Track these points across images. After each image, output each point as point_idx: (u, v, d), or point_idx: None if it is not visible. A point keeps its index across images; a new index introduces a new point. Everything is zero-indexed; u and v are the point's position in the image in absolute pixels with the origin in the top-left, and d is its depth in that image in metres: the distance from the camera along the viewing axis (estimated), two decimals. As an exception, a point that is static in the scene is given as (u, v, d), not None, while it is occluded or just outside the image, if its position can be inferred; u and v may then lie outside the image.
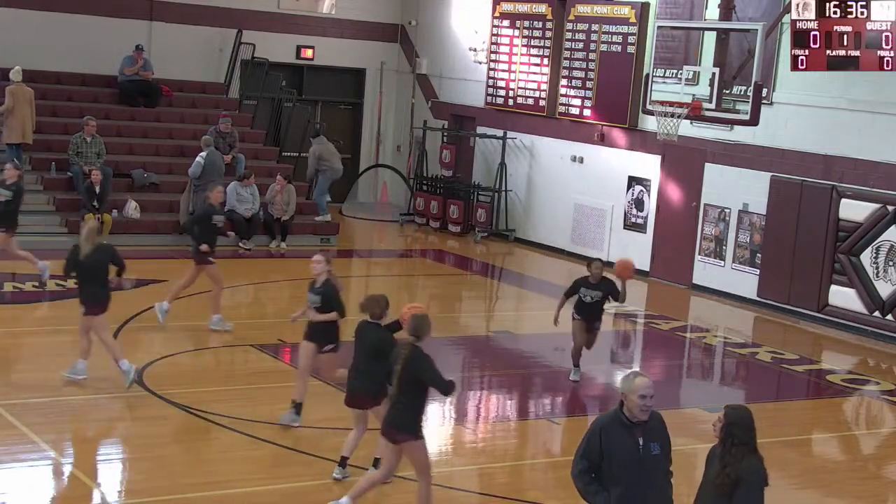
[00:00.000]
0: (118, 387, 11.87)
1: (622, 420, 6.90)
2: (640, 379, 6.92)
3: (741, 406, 6.91)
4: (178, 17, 23.04)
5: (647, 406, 6.87)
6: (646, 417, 6.88)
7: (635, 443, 6.85)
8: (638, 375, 6.97)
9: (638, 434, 6.86)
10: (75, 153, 19.50)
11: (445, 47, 24.43)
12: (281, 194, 20.26)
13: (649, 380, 6.94)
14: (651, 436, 6.90)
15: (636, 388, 6.88)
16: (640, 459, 6.82)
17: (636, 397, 6.86)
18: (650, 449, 6.87)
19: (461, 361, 14.60)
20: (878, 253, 16.49)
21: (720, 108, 15.89)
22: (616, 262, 13.79)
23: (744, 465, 6.57)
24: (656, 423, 6.99)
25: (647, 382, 6.91)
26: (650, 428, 6.91)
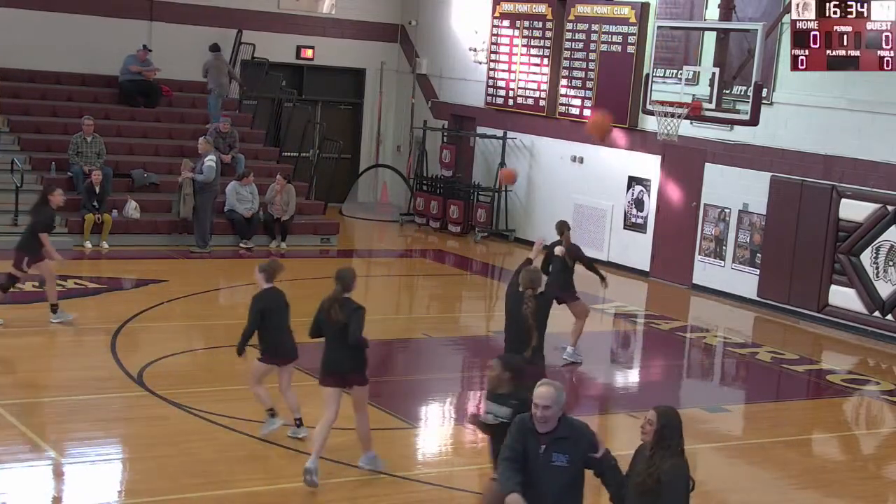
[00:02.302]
0: (118, 387, 11.88)
1: (529, 426, 6.77)
2: (540, 388, 6.73)
3: (671, 408, 6.80)
4: (178, 17, 23.04)
5: (542, 416, 6.67)
6: (544, 429, 6.69)
7: (536, 449, 6.71)
8: (543, 384, 6.76)
9: (542, 441, 6.71)
10: (75, 153, 19.51)
11: (445, 47, 24.43)
12: (281, 194, 20.26)
13: (551, 389, 6.71)
14: (558, 446, 6.71)
15: (535, 396, 6.72)
16: (539, 465, 6.69)
17: (533, 406, 6.71)
18: (551, 458, 6.69)
19: (461, 361, 14.61)
20: (878, 253, 16.49)
21: (720, 108, 15.89)
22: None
23: (668, 467, 6.53)
24: (573, 434, 6.77)
25: (546, 392, 6.69)
26: (559, 437, 6.72)
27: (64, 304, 14.79)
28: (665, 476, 6.50)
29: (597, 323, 17.10)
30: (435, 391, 12.97)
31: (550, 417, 6.67)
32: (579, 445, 6.73)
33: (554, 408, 6.68)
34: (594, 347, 15.83)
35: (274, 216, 20.23)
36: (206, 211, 19.13)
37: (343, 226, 22.35)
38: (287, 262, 14.33)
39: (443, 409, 12.46)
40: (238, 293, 16.93)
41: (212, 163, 19.07)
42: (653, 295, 18.97)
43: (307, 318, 14.55)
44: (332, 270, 10.85)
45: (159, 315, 14.67)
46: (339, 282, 9.78)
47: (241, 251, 19.61)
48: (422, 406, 12.40)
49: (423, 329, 15.47)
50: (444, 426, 11.91)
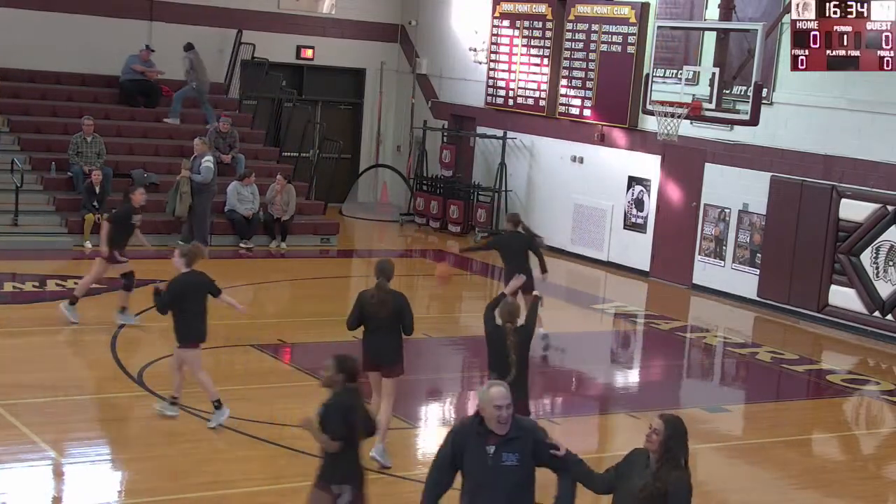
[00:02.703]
0: (118, 387, 11.88)
1: (477, 429, 6.58)
2: (494, 389, 6.59)
3: (677, 417, 6.66)
4: (178, 17, 23.03)
5: (503, 416, 6.53)
6: (503, 431, 6.55)
7: (485, 450, 6.55)
8: (493, 385, 6.64)
9: (491, 442, 6.55)
10: (75, 153, 19.51)
11: (445, 47, 24.43)
12: (281, 194, 20.26)
13: (503, 389, 6.58)
14: (508, 446, 6.56)
15: (491, 398, 6.55)
16: (488, 467, 6.54)
17: (492, 408, 6.53)
18: (501, 458, 6.55)
19: (461, 361, 14.61)
20: (878, 253, 16.49)
21: (720, 108, 15.89)
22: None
23: (672, 478, 6.43)
24: (521, 434, 6.62)
25: (502, 392, 6.56)
26: (511, 438, 6.57)
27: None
28: (672, 487, 6.42)
29: (597, 323, 17.13)
30: (435, 391, 12.98)
31: (507, 419, 6.55)
32: (528, 444, 6.62)
33: (510, 408, 6.58)
34: (594, 347, 15.85)
35: (274, 216, 20.23)
36: (205, 212, 19.11)
37: (343, 226, 22.35)
38: (287, 263, 14.40)
39: (443, 409, 12.46)
40: (238, 293, 16.92)
41: (209, 163, 19.06)
42: (653, 295, 18.97)
43: (308, 318, 14.59)
44: (332, 271, 10.91)
45: (159, 315, 14.65)
46: (383, 273, 10.04)
47: (241, 251, 19.61)
48: (422, 406, 12.40)
49: (423, 329, 15.45)
50: (444, 426, 11.90)
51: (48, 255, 17.73)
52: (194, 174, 19.00)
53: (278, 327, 14.40)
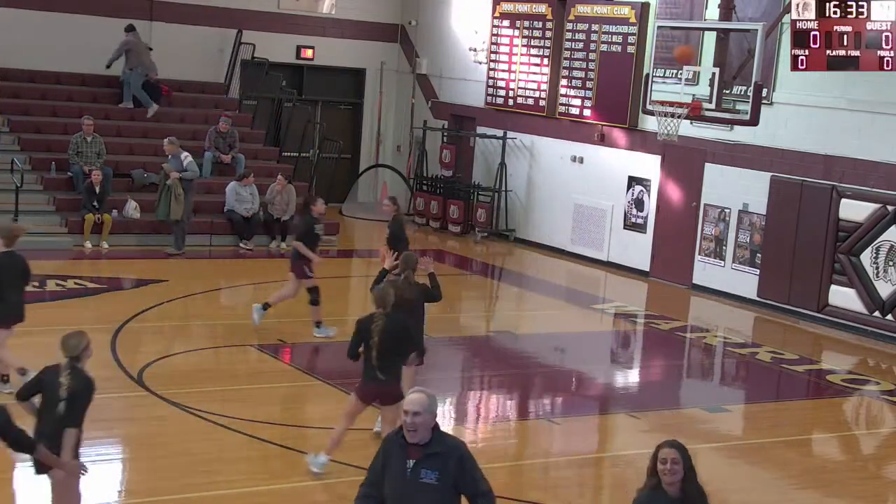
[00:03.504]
0: (118, 387, 11.88)
1: (399, 441, 6.22)
2: (411, 395, 6.21)
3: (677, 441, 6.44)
4: (178, 17, 23.04)
5: (411, 424, 6.11)
6: (412, 439, 6.14)
7: (404, 464, 6.17)
8: (414, 391, 6.24)
9: (412, 455, 6.16)
10: (75, 153, 19.51)
11: (445, 47, 24.43)
12: (281, 194, 20.26)
13: (422, 396, 6.18)
14: (429, 462, 6.14)
15: (405, 403, 6.20)
16: (406, 482, 6.16)
17: (403, 414, 6.17)
18: (420, 475, 6.12)
19: (461, 361, 14.60)
20: (878, 253, 16.49)
21: (720, 108, 15.89)
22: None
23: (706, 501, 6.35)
24: (444, 450, 6.18)
25: (416, 398, 6.16)
26: (431, 453, 6.14)
27: (63, 304, 14.79)
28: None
29: (597, 323, 17.13)
30: (435, 391, 12.91)
31: (420, 425, 6.12)
32: (449, 463, 6.16)
33: (424, 415, 6.13)
34: (594, 347, 15.85)
35: (274, 216, 20.23)
36: (188, 212, 18.98)
37: (343, 226, 22.34)
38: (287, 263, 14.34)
39: (443, 410, 12.46)
40: (238, 293, 16.93)
41: (191, 158, 18.95)
42: (653, 295, 18.97)
43: (308, 318, 14.58)
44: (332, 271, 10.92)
45: (159, 315, 14.67)
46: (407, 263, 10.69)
47: (241, 251, 19.60)
48: (422, 406, 12.38)
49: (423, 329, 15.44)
50: (443, 426, 11.88)
51: (48, 255, 17.69)
52: (184, 174, 18.82)
53: (278, 327, 14.40)
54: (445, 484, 6.14)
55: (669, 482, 6.29)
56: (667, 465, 6.27)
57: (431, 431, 6.19)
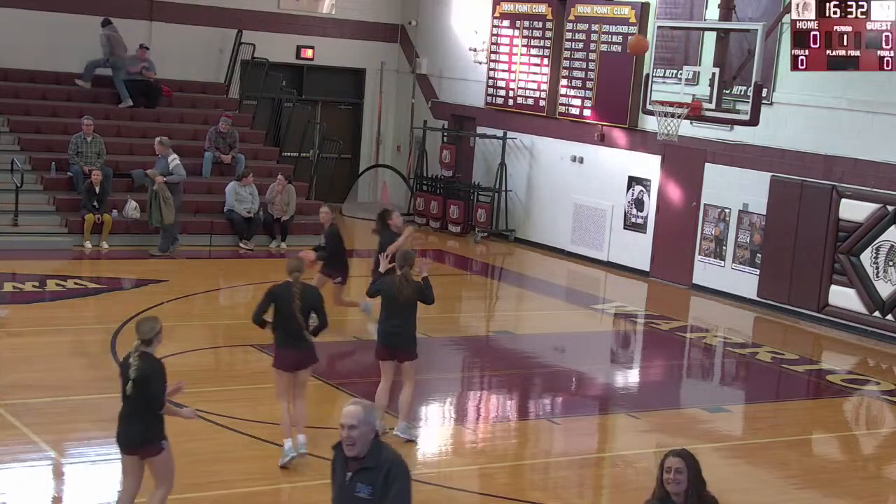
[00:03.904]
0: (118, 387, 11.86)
1: (342, 451, 6.06)
2: (347, 407, 5.98)
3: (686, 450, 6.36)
4: (178, 17, 23.04)
5: (347, 437, 5.91)
6: (350, 453, 5.94)
7: (344, 476, 6.02)
8: (351, 403, 6.03)
9: (350, 468, 5.99)
10: (75, 153, 19.51)
11: (445, 47, 24.43)
12: (281, 194, 20.26)
13: (358, 408, 5.95)
14: (363, 476, 5.95)
15: (341, 417, 5.96)
16: (343, 495, 6.02)
17: (340, 427, 5.96)
18: (355, 488, 5.95)
19: (461, 361, 14.61)
20: (878, 253, 16.49)
21: (720, 108, 15.88)
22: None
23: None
24: (378, 465, 5.94)
25: (350, 411, 5.93)
26: (366, 467, 5.94)
27: (63, 304, 14.79)
28: None
29: (597, 323, 17.13)
30: (435, 391, 12.97)
31: (357, 439, 5.90)
32: (380, 478, 5.93)
33: (361, 428, 5.90)
34: (594, 347, 15.85)
35: (274, 216, 20.23)
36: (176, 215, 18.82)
37: (343, 226, 22.31)
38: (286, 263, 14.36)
39: (443, 409, 12.46)
40: (238, 293, 16.94)
41: (177, 160, 18.86)
42: (653, 295, 18.97)
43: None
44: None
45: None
46: (405, 260, 10.69)
47: (241, 251, 19.60)
48: (422, 406, 12.39)
49: (423, 329, 15.45)
50: (444, 426, 11.91)
51: (48, 255, 17.72)
52: (170, 177, 18.68)
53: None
54: (378, 499, 5.94)
55: (674, 492, 6.24)
56: (670, 474, 6.22)
57: (371, 444, 5.96)
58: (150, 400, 7.91)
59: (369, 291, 11.20)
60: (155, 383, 7.92)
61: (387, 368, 10.81)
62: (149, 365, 7.94)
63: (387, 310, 10.75)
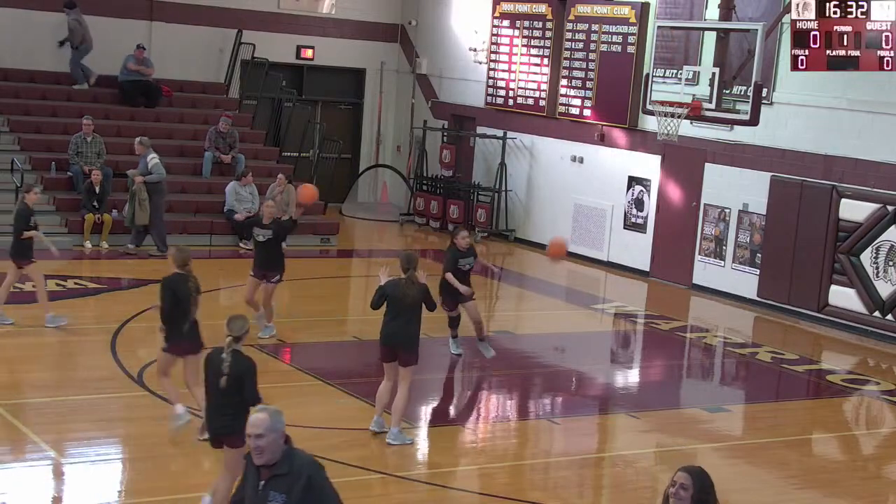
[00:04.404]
0: (118, 387, 11.88)
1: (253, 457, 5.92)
2: (253, 415, 5.84)
3: (701, 469, 6.18)
4: (178, 17, 23.04)
5: (254, 446, 5.75)
6: (259, 461, 5.79)
7: (256, 485, 5.86)
8: (257, 410, 5.88)
9: (262, 476, 5.83)
10: (75, 153, 19.50)
11: (445, 47, 24.43)
12: (281, 195, 20.24)
13: (264, 416, 5.79)
14: (276, 483, 5.78)
15: (247, 426, 5.81)
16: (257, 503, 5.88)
17: (247, 437, 5.79)
18: (268, 496, 5.78)
19: (461, 361, 14.60)
20: (878, 253, 16.49)
21: (720, 108, 15.89)
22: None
23: None
24: (292, 471, 5.77)
25: (256, 419, 5.78)
26: (278, 475, 5.78)
27: (63, 304, 14.78)
28: None
29: (597, 323, 17.13)
30: (435, 391, 12.97)
31: (265, 448, 5.75)
32: (296, 485, 5.76)
33: (269, 436, 5.75)
34: (594, 347, 15.85)
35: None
36: (160, 212, 18.70)
37: (343, 226, 22.35)
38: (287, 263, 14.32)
39: (443, 409, 12.46)
40: (238, 293, 16.92)
41: (157, 159, 18.75)
42: (653, 295, 18.97)
43: (308, 318, 14.58)
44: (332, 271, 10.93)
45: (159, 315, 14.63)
46: (409, 262, 10.88)
47: (241, 251, 19.59)
48: (422, 406, 12.39)
49: (423, 329, 15.43)
50: (444, 426, 11.90)
51: (48, 255, 17.69)
52: (149, 177, 18.60)
53: (278, 327, 14.39)
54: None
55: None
56: (674, 488, 6.08)
57: (282, 451, 5.81)
58: (244, 395, 8.25)
59: (373, 303, 11.00)
60: (249, 379, 8.33)
61: (389, 369, 10.84)
62: (242, 361, 8.39)
63: (391, 311, 10.81)
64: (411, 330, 10.80)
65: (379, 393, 10.88)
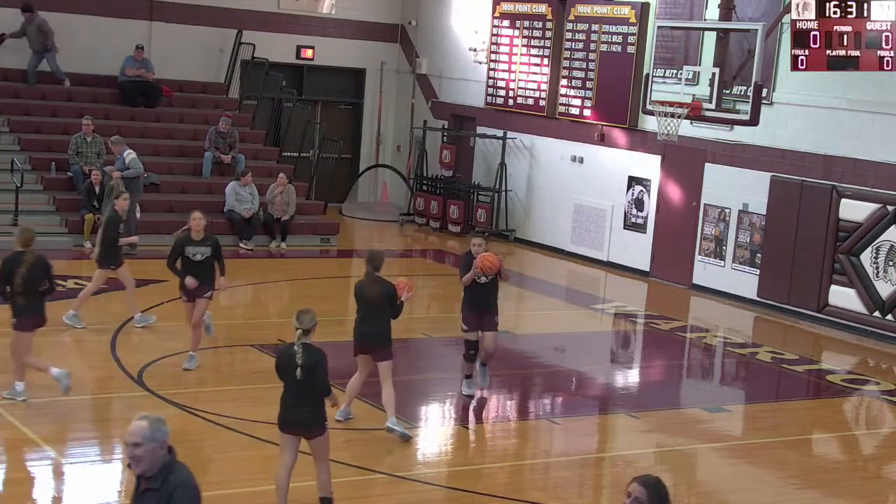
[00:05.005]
0: (118, 387, 11.88)
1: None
2: (133, 423, 5.51)
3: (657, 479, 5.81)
4: (178, 17, 23.04)
5: (131, 455, 5.46)
6: (135, 471, 5.50)
7: (139, 496, 5.59)
8: (138, 417, 5.55)
9: (141, 486, 5.56)
10: (75, 153, 19.50)
11: (445, 47, 24.43)
12: (281, 194, 20.26)
13: (143, 424, 5.47)
14: (148, 498, 5.51)
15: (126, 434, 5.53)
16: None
17: (123, 445, 5.57)
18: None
19: (462, 361, 14.58)
20: (878, 253, 16.49)
21: (720, 108, 15.88)
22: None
23: None
24: (162, 487, 5.48)
25: (134, 428, 5.46)
26: (150, 488, 5.50)
27: (63, 304, 14.76)
28: None
29: (597, 323, 17.13)
30: (435, 391, 12.98)
31: (142, 458, 5.44)
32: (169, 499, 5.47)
33: (147, 445, 5.44)
34: (594, 347, 15.85)
35: (274, 216, 20.23)
36: (133, 210, 18.67)
37: (343, 226, 22.35)
38: (287, 263, 14.38)
39: (443, 409, 12.46)
40: (238, 293, 16.93)
41: (133, 154, 18.63)
42: (653, 295, 18.97)
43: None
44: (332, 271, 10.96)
45: (159, 315, 14.66)
46: (371, 262, 10.94)
47: (241, 251, 19.60)
48: (422, 406, 12.40)
49: (423, 329, 15.48)
50: (444, 426, 11.91)
51: (48, 255, 17.65)
52: (127, 172, 18.51)
53: (278, 327, 14.39)
54: None
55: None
56: (626, 501, 5.76)
57: (160, 463, 5.51)
58: (318, 386, 8.63)
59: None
60: (321, 371, 8.63)
61: (362, 361, 11.00)
62: (314, 353, 8.68)
63: (361, 311, 10.91)
64: (381, 328, 10.78)
65: (350, 384, 11.08)
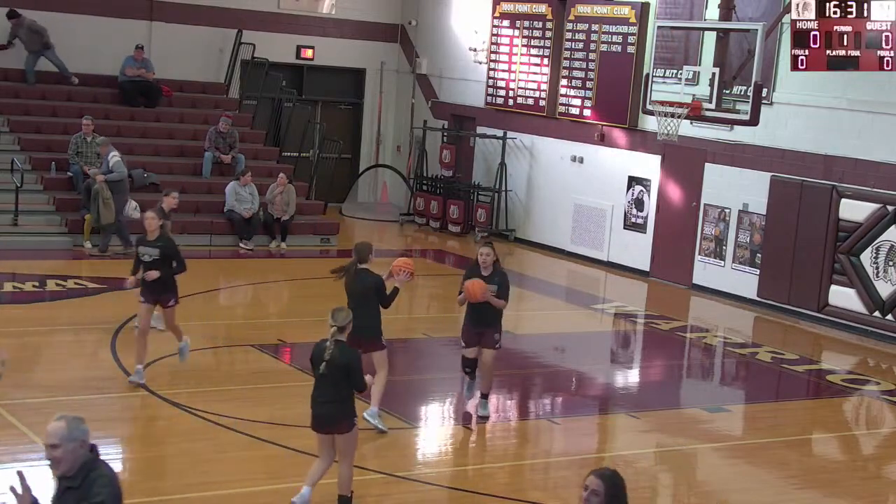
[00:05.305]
0: (118, 387, 11.88)
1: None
2: (50, 423, 5.41)
3: (614, 472, 5.79)
4: (178, 17, 23.04)
5: (50, 457, 5.37)
6: (55, 472, 5.41)
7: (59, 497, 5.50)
8: (55, 418, 5.43)
9: (60, 486, 5.48)
10: (75, 153, 19.50)
11: (445, 47, 24.43)
12: (281, 195, 20.26)
13: (60, 424, 5.37)
14: (69, 497, 5.42)
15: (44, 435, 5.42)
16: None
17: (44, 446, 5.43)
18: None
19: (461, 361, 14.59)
20: (878, 253, 16.49)
21: (720, 108, 15.88)
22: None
23: None
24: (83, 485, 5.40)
25: (52, 429, 5.37)
26: (72, 486, 5.40)
27: (63, 304, 14.79)
28: None
29: (597, 323, 17.14)
30: (435, 391, 12.98)
31: (60, 459, 5.34)
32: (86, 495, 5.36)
33: (65, 446, 5.34)
34: (594, 347, 15.85)
35: (274, 216, 20.23)
36: (121, 211, 18.43)
37: (343, 226, 22.34)
38: (287, 263, 14.39)
39: (443, 409, 12.46)
40: (238, 293, 16.94)
41: (118, 157, 18.55)
42: (653, 295, 18.97)
43: (308, 318, 14.58)
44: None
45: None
46: (357, 254, 10.94)
47: (241, 251, 19.60)
48: (422, 406, 12.40)
49: (423, 329, 15.48)
50: (444, 426, 11.91)
51: (48, 255, 17.71)
52: (110, 175, 18.38)
53: (278, 327, 14.40)
54: None
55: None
56: (585, 493, 5.66)
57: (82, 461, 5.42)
58: (351, 383, 8.71)
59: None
60: (355, 368, 8.73)
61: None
62: (348, 352, 8.78)
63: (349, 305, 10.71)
64: (370, 322, 10.77)
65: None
